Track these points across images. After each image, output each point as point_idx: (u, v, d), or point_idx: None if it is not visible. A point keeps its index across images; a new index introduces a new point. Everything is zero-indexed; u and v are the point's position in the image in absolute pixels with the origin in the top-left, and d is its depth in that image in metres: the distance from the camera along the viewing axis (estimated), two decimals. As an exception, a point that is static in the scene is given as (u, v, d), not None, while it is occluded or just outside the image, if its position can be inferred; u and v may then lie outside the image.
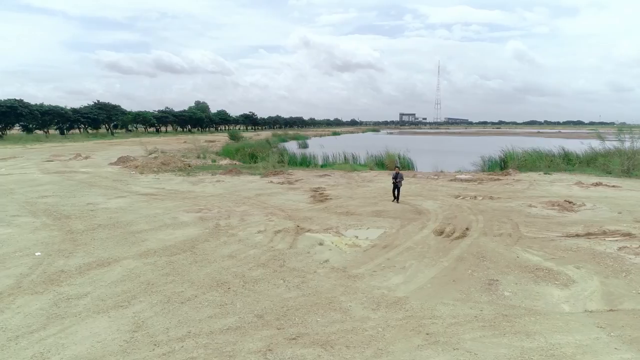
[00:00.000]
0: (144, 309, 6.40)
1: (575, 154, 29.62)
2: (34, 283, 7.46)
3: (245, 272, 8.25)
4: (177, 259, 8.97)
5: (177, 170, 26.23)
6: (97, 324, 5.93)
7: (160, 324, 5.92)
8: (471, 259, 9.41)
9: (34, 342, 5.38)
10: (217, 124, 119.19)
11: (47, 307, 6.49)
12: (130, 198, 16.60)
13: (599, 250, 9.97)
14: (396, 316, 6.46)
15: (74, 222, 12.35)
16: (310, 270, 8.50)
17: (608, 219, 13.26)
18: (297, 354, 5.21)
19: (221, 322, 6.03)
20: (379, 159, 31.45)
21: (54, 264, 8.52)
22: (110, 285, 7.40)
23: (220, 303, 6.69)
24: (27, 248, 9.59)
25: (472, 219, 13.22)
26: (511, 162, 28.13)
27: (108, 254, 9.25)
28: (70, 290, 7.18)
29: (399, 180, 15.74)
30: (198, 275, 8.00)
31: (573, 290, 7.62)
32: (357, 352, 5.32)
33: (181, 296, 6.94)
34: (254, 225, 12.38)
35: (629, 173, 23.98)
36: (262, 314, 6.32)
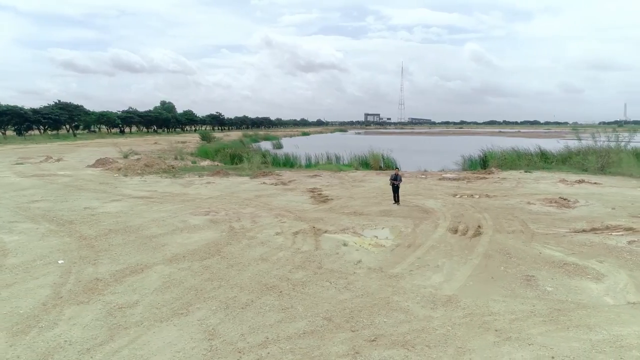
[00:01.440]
0: (207, 316, 6.22)
1: (551, 153, 30.83)
2: (73, 292, 7.10)
3: (286, 275, 8.15)
4: (210, 264, 8.75)
5: (161, 172, 25.54)
6: (166, 333, 5.71)
7: (233, 331, 5.77)
8: (497, 256, 9.66)
9: (109, 355, 5.12)
10: (184, 124, 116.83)
11: (102, 317, 6.20)
12: (127, 201, 16.04)
13: (612, 245, 10.45)
14: (457, 314, 6.56)
15: (81, 227, 11.82)
16: (348, 272, 8.49)
17: (605, 214, 13.91)
18: (384, 356, 5.21)
19: (293, 326, 5.94)
20: (362, 158, 31.67)
21: (84, 272, 8.14)
22: (156, 293, 7.14)
23: (280, 307, 6.59)
24: (45, 256, 9.11)
25: (479, 217, 13.55)
26: (492, 161, 29.00)
27: (135, 260, 8.92)
28: (117, 299, 6.88)
29: (398, 182, 15.75)
30: (241, 279, 7.85)
31: (607, 284, 7.95)
32: (440, 352, 5.38)
33: (237, 301, 6.79)
34: (268, 227, 12.24)
35: (604, 170, 25.21)
36: (328, 316, 6.27)
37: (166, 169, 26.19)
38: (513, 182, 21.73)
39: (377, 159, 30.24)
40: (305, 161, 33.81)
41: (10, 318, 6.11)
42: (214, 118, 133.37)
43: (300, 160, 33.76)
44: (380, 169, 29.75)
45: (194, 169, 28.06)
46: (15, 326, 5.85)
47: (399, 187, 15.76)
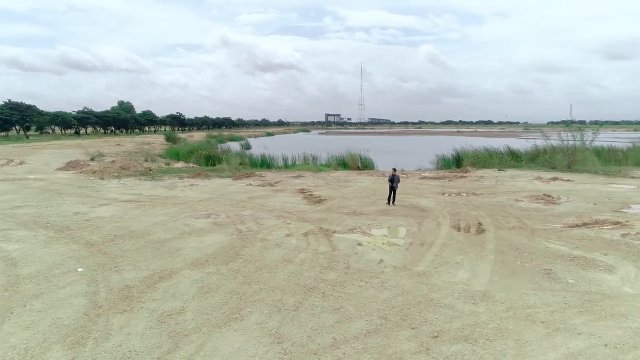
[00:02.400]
0: (263, 320, 6.19)
1: (519, 152, 32.20)
2: (111, 301, 6.85)
3: (319, 276, 8.19)
4: (237, 267, 8.66)
5: (138, 174, 24.77)
6: (230, 338, 5.64)
7: (297, 333, 5.77)
8: (509, 251, 10.07)
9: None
10: (143, 125, 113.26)
11: (155, 325, 6.03)
12: (116, 205, 15.50)
13: (608, 238, 11.12)
14: (498, 308, 6.83)
15: (81, 233, 11.35)
16: (376, 271, 8.63)
17: (589, 209, 14.75)
18: (452, 351, 5.38)
19: (353, 326, 6.01)
20: (340, 159, 31.92)
21: (110, 279, 7.85)
22: (198, 298, 7.01)
23: (331, 308, 6.64)
24: (60, 264, 8.71)
25: (476, 215, 14.04)
26: (466, 160, 29.96)
27: (157, 266, 8.68)
28: (159, 306, 6.70)
29: (396, 183, 15.89)
30: (277, 281, 7.82)
31: (620, 275, 8.48)
32: (501, 344, 5.60)
33: (285, 304, 6.77)
34: (274, 228, 12.19)
35: (570, 168, 26.66)
36: (382, 315, 6.39)
37: (143, 171, 25.41)
38: (492, 181, 22.59)
39: (355, 159, 30.58)
40: (282, 162, 33.67)
41: (58, 330, 5.84)
42: (174, 118, 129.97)
43: (277, 161, 33.60)
44: (359, 168, 30.11)
45: (171, 170, 27.38)
46: (68, 338, 5.59)
47: (396, 189, 15.87)
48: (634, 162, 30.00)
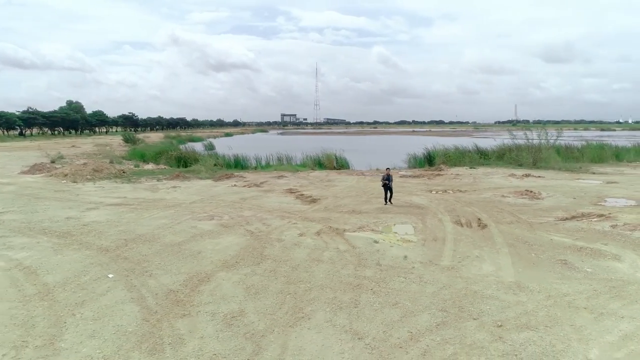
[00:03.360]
0: (331, 317, 6.26)
1: (487, 150, 33.64)
2: (164, 306, 6.68)
3: (357, 273, 8.33)
4: (271, 268, 8.65)
5: (112, 177, 23.84)
6: (310, 337, 5.68)
7: (372, 329, 5.89)
8: (519, 244, 10.61)
9: (275, 363, 5.02)
10: (94, 126, 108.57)
11: (224, 327, 5.96)
12: (106, 209, 14.92)
13: (600, 230, 11.95)
14: (539, 297, 7.24)
15: (87, 238, 10.89)
16: (407, 267, 8.87)
17: (571, 203, 15.74)
18: (522, 338, 5.70)
19: (420, 320, 6.21)
20: (315, 158, 32.08)
21: (148, 284, 7.64)
22: (251, 300, 6.97)
23: (388, 303, 6.81)
24: (85, 271, 8.35)
25: (470, 211, 14.63)
26: (438, 158, 30.96)
27: (188, 269, 8.52)
28: (217, 308, 6.62)
29: (391, 183, 15.99)
30: (320, 280, 7.89)
31: (628, 263, 9.17)
32: (561, 330, 5.99)
33: (343, 301, 6.87)
34: (284, 229, 12.20)
35: (536, 165, 28.20)
36: (441, 308, 6.63)
37: (117, 173, 24.49)
38: (470, 178, 23.51)
39: (331, 159, 30.84)
40: (255, 162, 33.39)
41: (125, 337, 5.65)
42: (126, 119, 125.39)
43: (251, 162, 33.30)
44: (335, 168, 30.41)
45: (145, 172, 26.55)
46: (141, 345, 5.43)
47: (391, 188, 16.04)
48: (589, 159, 32.11)
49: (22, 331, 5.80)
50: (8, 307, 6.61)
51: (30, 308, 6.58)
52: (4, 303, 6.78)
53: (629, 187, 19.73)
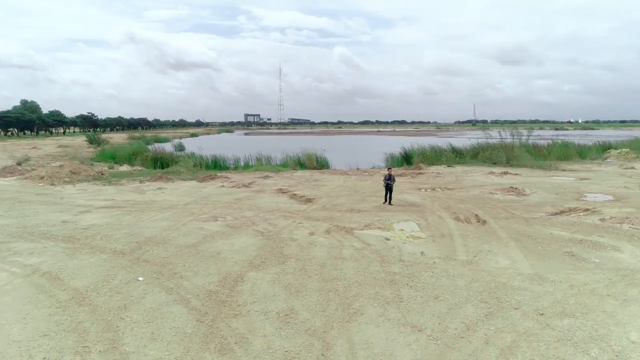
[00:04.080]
0: (383, 312, 6.43)
1: (461, 149, 34.71)
2: (210, 307, 6.66)
3: (385, 269, 8.54)
4: (299, 266, 8.74)
5: (91, 179, 23.08)
6: (370, 331, 5.83)
7: (427, 322, 6.11)
8: (523, 239, 11.14)
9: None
10: (50, 126, 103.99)
11: (282, 325, 6.02)
12: (99, 212, 14.50)
13: (591, 223, 12.69)
14: (563, 287, 7.69)
15: (96, 242, 10.60)
16: (428, 262, 9.16)
17: (555, 199, 16.58)
18: (567, 324, 6.09)
19: (468, 311, 6.48)
20: (295, 159, 32.14)
21: (185, 286, 7.57)
22: (295, 298, 7.05)
23: (431, 297, 7.05)
24: (111, 275, 8.16)
25: (465, 207, 15.17)
26: (416, 157, 31.70)
27: (217, 270, 8.48)
28: (265, 307, 6.66)
29: (392, 182, 16.10)
30: (353, 276, 8.05)
31: (628, 253, 9.82)
32: (596, 316, 6.41)
33: (386, 296, 7.07)
34: (291, 228, 12.27)
35: (509, 163, 29.40)
36: (482, 299, 6.94)
37: (95, 175, 23.72)
38: (451, 176, 24.25)
39: (312, 159, 30.99)
40: (233, 162, 33.08)
41: (188, 338, 5.61)
42: (85, 119, 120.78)
43: (230, 162, 32.97)
44: (316, 168, 30.58)
45: (123, 174, 25.85)
46: (208, 345, 5.41)
47: (392, 188, 16.15)
48: (555, 157, 33.74)
49: (77, 336, 5.65)
50: (48, 314, 6.41)
51: (72, 313, 6.40)
52: (41, 310, 6.56)
53: (600, 183, 20.94)
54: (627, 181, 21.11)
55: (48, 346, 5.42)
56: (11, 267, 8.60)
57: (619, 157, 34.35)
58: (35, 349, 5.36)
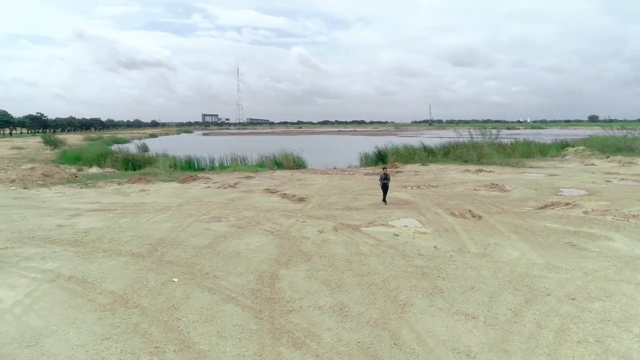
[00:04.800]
0: (431, 303, 6.74)
1: (432, 148, 35.83)
2: (263, 304, 6.74)
3: (410, 263, 8.88)
4: (326, 263, 8.92)
5: (65, 182, 22.18)
6: (429, 321, 6.12)
7: (477, 310, 6.46)
8: (521, 231, 11.77)
9: (426, 354, 5.42)
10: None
11: (343, 319, 6.20)
12: (91, 216, 14.08)
13: (576, 216, 13.58)
14: (579, 274, 8.28)
15: (106, 245, 10.34)
16: (445, 256, 9.57)
17: (536, 194, 17.55)
18: (600, 307, 6.62)
19: (508, 298, 6.91)
20: (272, 159, 32.13)
21: (222, 285, 7.59)
22: (340, 293, 7.24)
23: (468, 287, 7.44)
24: (142, 277, 8.03)
25: (456, 203, 15.80)
26: (390, 156, 32.45)
27: (247, 269, 8.53)
28: (314, 302, 6.80)
29: (388, 181, 16.32)
30: (384, 271, 8.32)
31: (621, 242, 10.62)
32: (621, 298, 7.00)
33: (424, 288, 7.38)
34: (297, 227, 12.41)
35: (480, 161, 30.68)
36: (514, 288, 7.40)
37: (69, 178, 22.81)
38: (430, 174, 25.05)
39: (289, 159, 31.08)
40: (208, 163, 32.65)
41: (258, 334, 5.69)
42: (34, 119, 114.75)
43: (205, 163, 32.52)
44: (293, 167, 30.70)
45: (98, 177, 25.03)
46: (280, 340, 5.53)
47: (388, 186, 16.37)
48: (519, 155, 35.45)
49: (141, 338, 5.60)
50: (97, 317, 6.28)
51: (123, 316, 6.31)
52: (87, 313, 6.42)
53: (569, 179, 22.29)
54: (593, 177, 22.61)
55: (117, 348, 5.36)
56: (30, 273, 8.29)
57: (576, 154, 36.55)
58: (105, 352, 5.28)
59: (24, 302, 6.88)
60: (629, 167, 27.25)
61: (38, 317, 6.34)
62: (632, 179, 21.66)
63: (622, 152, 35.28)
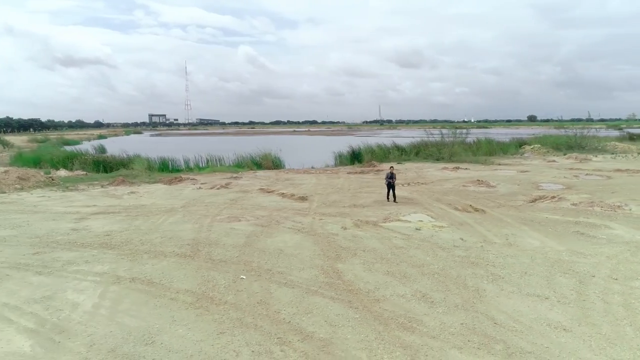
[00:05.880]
0: (501, 287, 7.34)
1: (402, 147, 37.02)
2: (351, 296, 7.08)
3: (452, 254, 9.48)
4: (377, 256, 9.34)
5: (43, 185, 21.16)
6: (512, 303, 6.70)
7: (543, 292, 7.12)
8: (531, 223, 12.65)
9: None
10: None
11: (430, 305, 6.66)
12: (99, 219, 13.70)
13: (567, 208, 14.79)
14: (602, 259, 9.19)
15: (140, 247, 10.22)
16: (476, 246, 10.25)
17: (520, 189, 18.82)
18: (628, 286, 7.48)
19: (564, 280, 7.64)
20: (249, 159, 32.01)
21: (294, 280, 7.83)
22: (410, 282, 7.68)
23: (519, 272, 8.12)
24: (208, 277, 8.09)
25: (454, 199, 16.68)
26: (366, 155, 33.26)
27: (305, 265, 8.79)
28: (394, 291, 7.21)
29: (394, 180, 16.71)
30: (434, 261, 8.86)
31: (621, 230, 11.75)
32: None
33: (483, 275, 7.99)
34: (321, 224, 12.69)
35: (451, 159, 32.15)
36: (562, 271, 8.16)
37: (46, 181, 21.78)
38: (412, 172, 26.01)
39: (268, 159, 31.12)
40: (182, 164, 32.01)
41: (395, 320, 6.04)
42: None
43: (177, 164, 31.84)
44: (272, 168, 30.78)
45: (76, 180, 23.99)
46: (393, 323, 5.91)
47: (394, 185, 16.79)
48: (483, 153, 37.41)
49: (255, 331, 5.78)
50: (195, 315, 6.36)
51: (220, 312, 6.42)
52: (181, 312, 6.47)
53: (541, 174, 23.95)
54: (561, 173, 24.44)
55: (240, 341, 5.53)
56: (85, 277, 8.13)
57: (533, 152, 39.07)
58: (231, 344, 5.45)
59: (104, 305, 6.81)
60: (586, 163, 29.59)
61: (131, 317, 6.33)
62: (596, 174, 23.64)
63: (574, 149, 38.11)
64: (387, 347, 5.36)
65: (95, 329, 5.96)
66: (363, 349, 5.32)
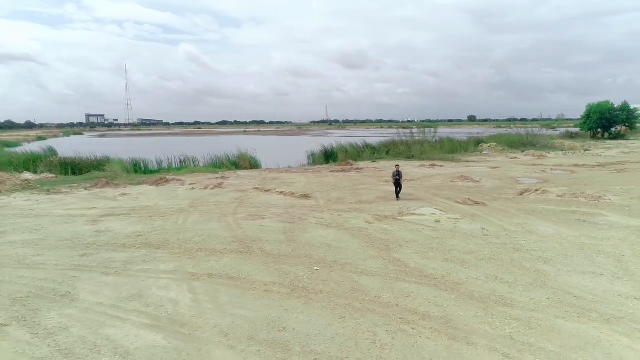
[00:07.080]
0: (557, 268, 8.19)
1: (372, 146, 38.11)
2: (434, 283, 7.65)
3: (488, 242, 10.32)
4: (422, 245, 9.98)
5: (21, 189, 20.05)
6: (573, 280, 7.54)
7: (595, 270, 8.03)
8: (532, 213, 13.82)
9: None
10: None
11: (507, 287, 7.37)
12: (114, 221, 13.43)
13: (555, 199, 16.22)
14: (616, 242, 10.39)
15: (185, 246, 10.26)
16: (501, 235, 11.18)
17: (503, 184, 20.21)
18: (664, 261, 8.66)
19: (601, 260, 8.63)
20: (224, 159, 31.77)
21: (373, 270, 8.31)
22: (470, 267, 8.36)
23: (559, 254, 9.05)
24: (284, 270, 8.37)
25: (449, 194, 17.73)
26: (340, 154, 33.98)
27: (366, 257, 9.27)
28: (466, 275, 7.87)
29: (400, 178, 17.28)
30: (477, 249, 9.64)
31: (614, 218, 13.16)
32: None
33: (532, 259, 8.86)
34: (344, 220, 13.14)
35: (422, 157, 33.63)
36: (596, 253, 9.21)
37: (23, 184, 20.64)
38: (392, 170, 26.97)
39: (245, 159, 31.06)
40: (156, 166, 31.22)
41: (492, 303, 6.63)
42: None
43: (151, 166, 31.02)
44: (249, 167, 30.77)
45: (52, 183, 22.90)
46: (483, 303, 6.55)
47: (401, 183, 17.35)
48: (447, 151, 39.33)
49: (375, 315, 6.21)
50: (302, 303, 6.66)
51: (323, 300, 6.77)
52: (285, 302, 6.74)
53: (511, 170, 25.73)
54: (529, 168, 26.41)
55: (365, 324, 5.93)
56: (158, 275, 8.17)
57: (491, 149, 41.57)
58: (360, 326, 5.83)
59: (202, 299, 6.94)
60: (544, 159, 32.05)
61: (241, 309, 6.54)
62: (559, 169, 25.77)
63: (527, 147, 40.98)
64: (501, 320, 5.99)
65: (215, 321, 6.13)
66: (482, 323, 5.92)
